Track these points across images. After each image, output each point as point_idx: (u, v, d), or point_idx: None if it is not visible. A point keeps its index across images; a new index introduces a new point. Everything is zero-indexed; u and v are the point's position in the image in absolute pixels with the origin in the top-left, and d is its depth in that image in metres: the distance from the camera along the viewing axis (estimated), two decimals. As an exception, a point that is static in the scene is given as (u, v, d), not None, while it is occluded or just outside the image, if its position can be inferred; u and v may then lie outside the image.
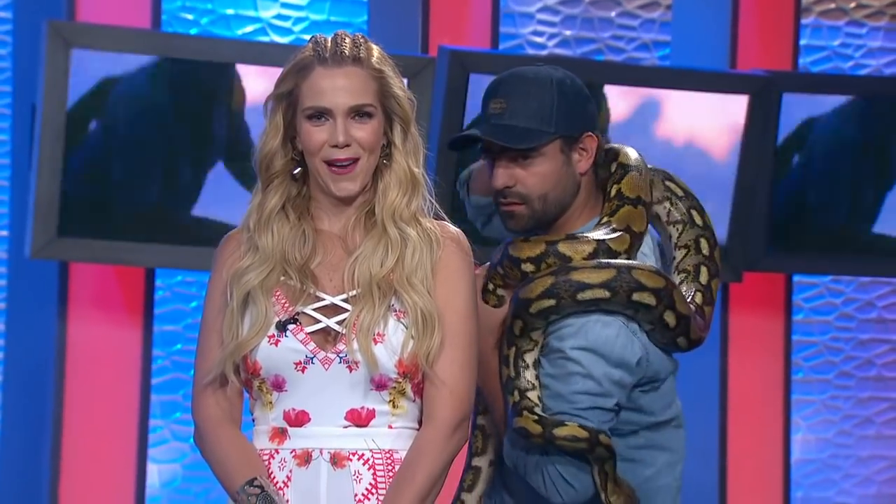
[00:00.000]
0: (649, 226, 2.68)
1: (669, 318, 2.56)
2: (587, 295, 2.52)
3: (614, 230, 2.59)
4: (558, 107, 2.59)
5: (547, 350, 2.56)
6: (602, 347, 2.54)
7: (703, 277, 2.71)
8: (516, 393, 2.55)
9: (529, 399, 2.55)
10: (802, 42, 5.48)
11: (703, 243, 2.74)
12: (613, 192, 2.63)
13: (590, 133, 2.63)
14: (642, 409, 2.64)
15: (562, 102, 2.60)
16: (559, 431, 2.49)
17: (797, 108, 5.13)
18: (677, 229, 2.75)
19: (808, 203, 5.22)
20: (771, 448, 5.33)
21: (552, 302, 2.52)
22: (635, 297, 2.53)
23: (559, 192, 2.60)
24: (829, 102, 5.19)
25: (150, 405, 4.60)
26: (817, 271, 5.45)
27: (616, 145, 2.72)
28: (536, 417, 2.52)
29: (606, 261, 2.55)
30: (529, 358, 2.57)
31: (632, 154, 2.69)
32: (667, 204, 2.74)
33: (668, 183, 2.76)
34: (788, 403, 5.37)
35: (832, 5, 5.75)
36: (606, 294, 2.52)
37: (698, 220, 2.75)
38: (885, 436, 5.88)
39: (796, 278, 5.54)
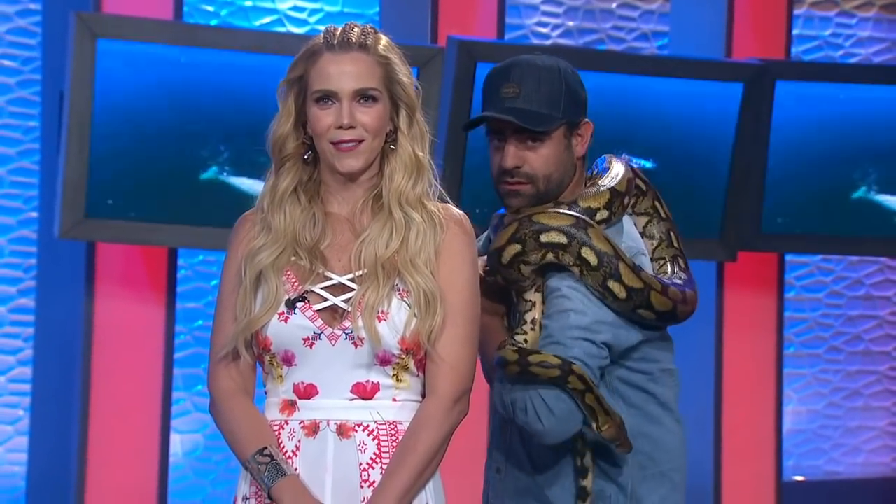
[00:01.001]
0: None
1: (615, 287, 2.55)
2: (545, 238, 2.55)
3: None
4: (565, 94, 2.63)
5: (546, 293, 2.59)
6: None
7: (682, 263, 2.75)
8: (507, 336, 2.60)
9: (514, 339, 2.58)
10: (795, 32, 5.46)
11: (673, 237, 2.77)
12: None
13: (587, 120, 2.67)
14: (648, 359, 2.67)
15: (567, 90, 2.64)
16: (533, 358, 2.51)
17: (790, 96, 5.10)
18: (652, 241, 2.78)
19: (800, 185, 5.20)
20: (764, 419, 5.32)
21: (518, 247, 2.56)
22: (583, 252, 2.55)
23: (561, 173, 2.64)
24: (821, 90, 5.17)
25: (172, 378, 4.60)
26: (808, 251, 5.43)
27: (614, 163, 2.75)
28: (515, 348, 2.54)
29: (567, 211, 2.59)
30: (528, 317, 2.60)
31: (615, 170, 2.71)
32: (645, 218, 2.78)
33: (656, 203, 2.78)
34: (780, 377, 5.36)
35: (823, -4, 5.72)
36: (563, 239, 2.54)
37: (663, 212, 2.77)
38: (872, 407, 5.88)
39: (788, 258, 5.53)
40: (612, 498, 2.65)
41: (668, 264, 2.72)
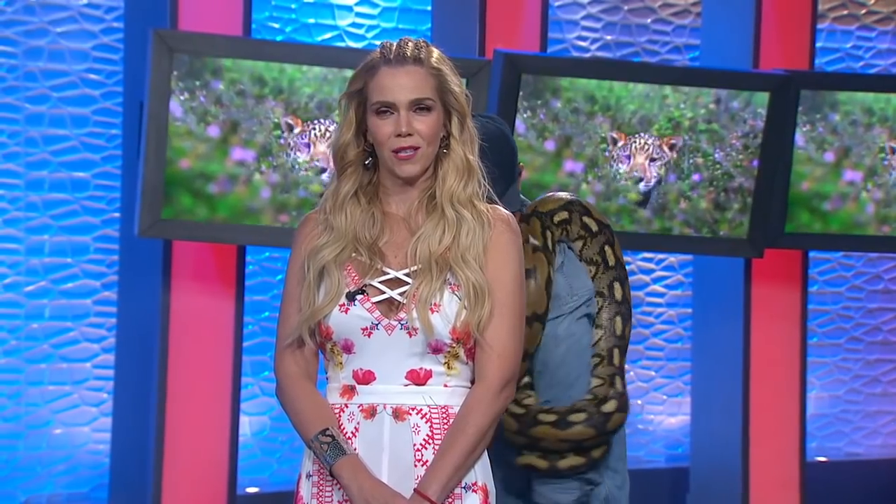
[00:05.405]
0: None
1: None
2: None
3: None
4: (512, 155, 2.73)
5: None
6: None
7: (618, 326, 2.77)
8: None
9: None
10: (818, 44, 5.41)
11: (617, 287, 2.75)
12: None
13: (522, 165, 2.83)
14: None
15: (512, 151, 2.74)
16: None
17: (813, 104, 5.05)
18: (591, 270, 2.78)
19: (822, 186, 5.14)
20: (789, 404, 5.28)
21: None
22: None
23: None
24: (842, 99, 5.11)
25: (241, 365, 4.62)
26: (830, 248, 5.38)
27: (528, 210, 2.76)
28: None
29: None
30: None
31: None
32: (580, 242, 2.78)
33: (584, 219, 2.76)
34: (804, 365, 5.32)
35: (845, 12, 5.67)
36: None
37: (611, 261, 2.75)
38: (890, 393, 5.82)
39: (812, 254, 5.48)
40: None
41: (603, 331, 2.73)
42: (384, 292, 2.36)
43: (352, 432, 2.36)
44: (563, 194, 2.80)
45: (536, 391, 2.63)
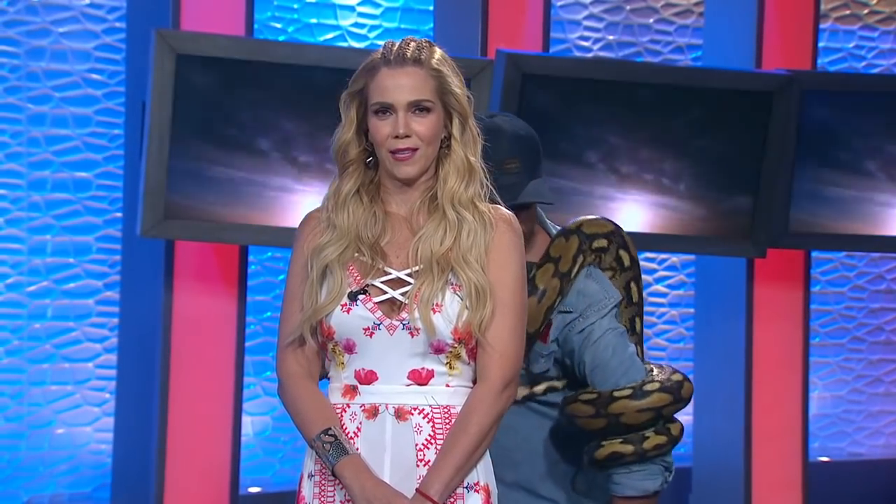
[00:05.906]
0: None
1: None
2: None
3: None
4: (540, 154, 2.72)
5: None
6: None
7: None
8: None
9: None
10: (821, 44, 5.41)
11: (637, 322, 2.77)
12: (532, 271, 2.68)
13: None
14: None
15: (541, 150, 2.73)
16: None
17: (816, 104, 5.05)
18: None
19: (825, 187, 5.14)
20: (791, 404, 5.28)
21: None
22: None
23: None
24: (845, 99, 5.11)
25: (244, 365, 4.62)
26: (833, 248, 5.38)
27: (554, 235, 2.76)
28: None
29: None
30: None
31: (554, 244, 2.73)
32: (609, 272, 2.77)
33: (620, 252, 2.75)
34: (807, 365, 5.32)
35: (847, 12, 5.67)
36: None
37: (634, 297, 2.76)
38: (893, 393, 5.83)
39: (814, 254, 5.48)
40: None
41: None
42: (386, 292, 2.36)
43: (354, 432, 2.36)
44: (607, 221, 2.76)
45: (593, 387, 2.62)
